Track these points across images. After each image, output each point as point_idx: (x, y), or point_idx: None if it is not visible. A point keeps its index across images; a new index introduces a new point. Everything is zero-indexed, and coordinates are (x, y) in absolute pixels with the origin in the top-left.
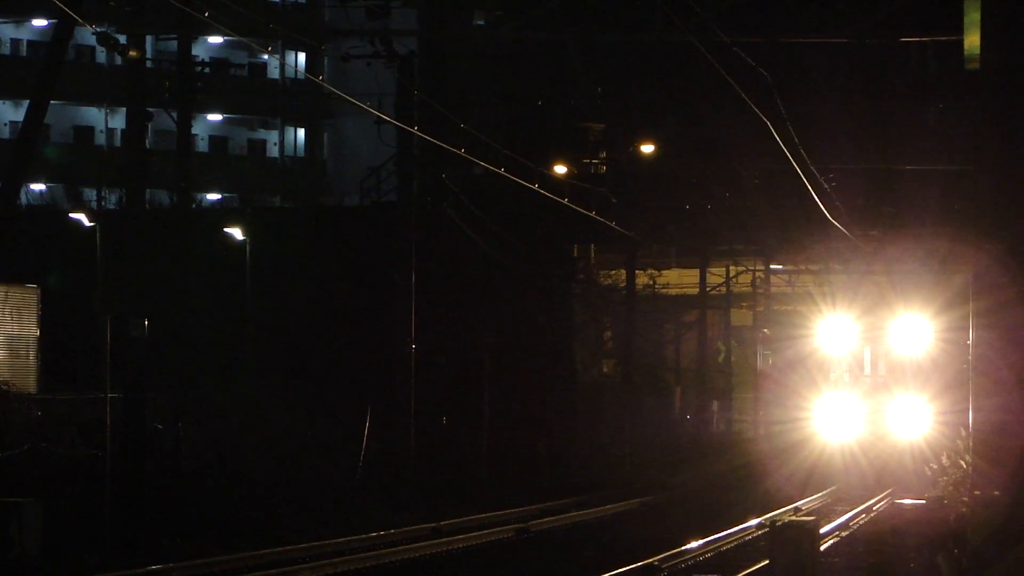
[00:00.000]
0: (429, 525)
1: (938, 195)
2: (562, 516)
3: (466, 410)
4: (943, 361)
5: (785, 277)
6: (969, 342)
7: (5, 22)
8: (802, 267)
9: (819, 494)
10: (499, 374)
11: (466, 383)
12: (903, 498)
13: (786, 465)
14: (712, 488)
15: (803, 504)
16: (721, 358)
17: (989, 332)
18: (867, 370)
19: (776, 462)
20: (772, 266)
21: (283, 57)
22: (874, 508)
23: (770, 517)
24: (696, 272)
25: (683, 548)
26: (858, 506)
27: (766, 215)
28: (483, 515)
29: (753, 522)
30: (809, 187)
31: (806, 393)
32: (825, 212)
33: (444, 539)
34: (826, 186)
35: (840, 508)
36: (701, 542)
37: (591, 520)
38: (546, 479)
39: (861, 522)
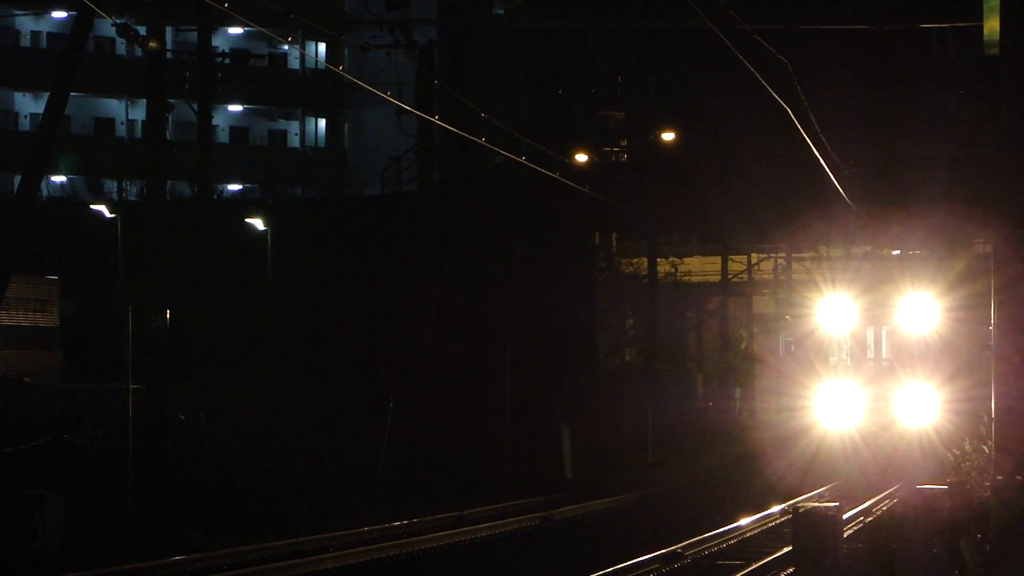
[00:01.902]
0: (452, 514)
1: (944, 178)
2: (585, 504)
3: (488, 399)
4: (955, 343)
5: (807, 264)
6: (990, 326)
7: (25, 14)
8: (824, 254)
9: (823, 488)
10: (521, 363)
11: (488, 372)
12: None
13: (801, 451)
14: (734, 474)
15: (819, 492)
16: (743, 345)
17: (999, 312)
18: (871, 354)
19: (794, 448)
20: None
21: (303, 48)
22: (886, 501)
23: (793, 504)
24: (718, 259)
25: (705, 536)
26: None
27: (784, 200)
28: (506, 504)
29: (775, 509)
30: (828, 172)
31: (811, 379)
32: (845, 196)
33: (467, 528)
34: (846, 171)
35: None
36: (723, 529)
37: (614, 508)
38: (569, 467)
39: (884, 508)
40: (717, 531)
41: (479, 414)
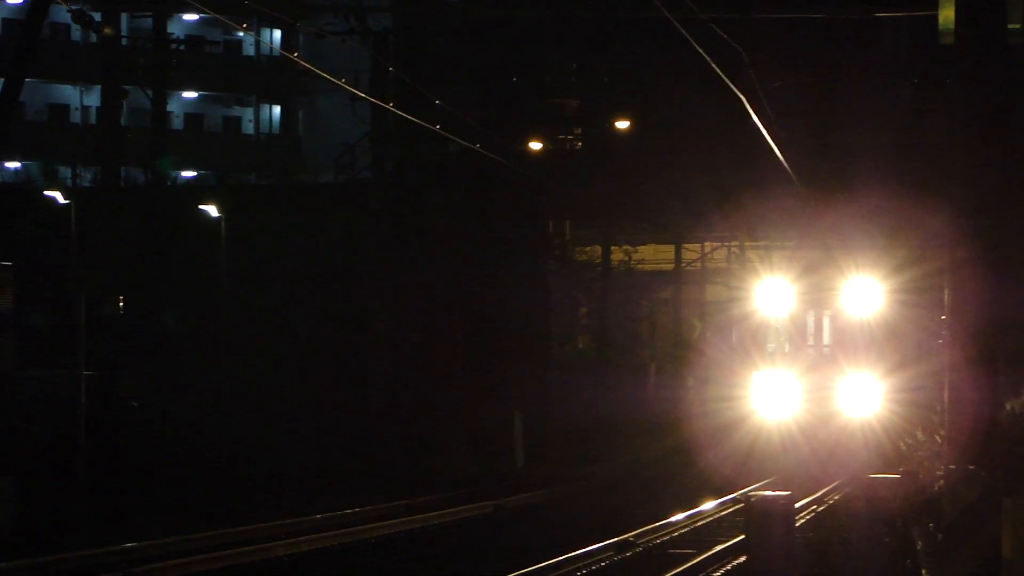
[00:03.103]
0: (403, 502)
1: (890, 164)
2: (537, 493)
3: (441, 387)
4: (901, 329)
5: (760, 253)
6: (943, 316)
7: None
8: (777, 242)
9: (761, 483)
10: (474, 351)
11: (441, 360)
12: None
13: (739, 441)
14: (677, 464)
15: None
16: (696, 334)
17: (949, 298)
18: (811, 341)
19: (733, 439)
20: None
21: (258, 34)
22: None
23: (745, 492)
24: (671, 248)
25: (657, 524)
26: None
27: (726, 185)
28: (458, 492)
29: (720, 500)
30: (781, 157)
31: (748, 368)
32: (792, 175)
33: (419, 516)
34: (797, 159)
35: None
36: (673, 519)
37: (565, 496)
38: (520, 456)
39: (836, 497)
40: (667, 520)
41: (432, 402)
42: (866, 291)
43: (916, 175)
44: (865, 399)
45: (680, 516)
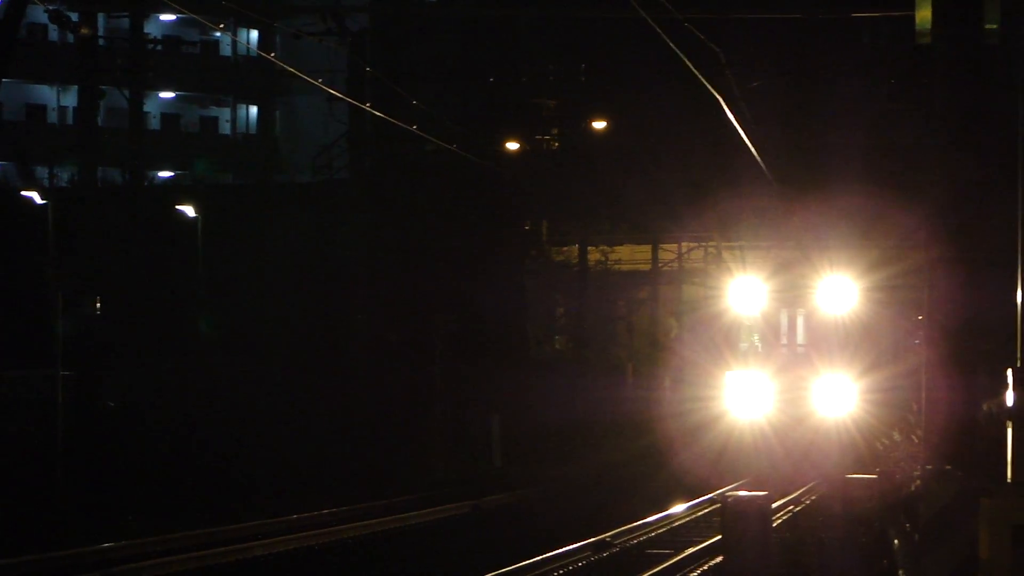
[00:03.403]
0: (382, 502)
1: (865, 164)
2: (514, 493)
3: (420, 387)
4: (876, 329)
5: (737, 253)
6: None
7: None
8: (753, 242)
9: (733, 484)
10: (452, 351)
11: (420, 360)
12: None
13: (712, 441)
14: (650, 464)
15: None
16: (673, 334)
17: (927, 296)
18: (785, 340)
19: (707, 439)
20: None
21: (235, 34)
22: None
23: (721, 492)
24: (649, 248)
25: (635, 524)
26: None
27: (702, 185)
28: (436, 492)
29: (702, 499)
30: (758, 158)
31: (722, 368)
32: (770, 177)
33: (397, 516)
34: (774, 159)
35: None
36: (650, 519)
37: (542, 496)
38: (498, 456)
39: (812, 498)
40: (643, 520)
41: (411, 402)
42: (841, 290)
43: (892, 174)
44: (840, 399)
45: (656, 516)
